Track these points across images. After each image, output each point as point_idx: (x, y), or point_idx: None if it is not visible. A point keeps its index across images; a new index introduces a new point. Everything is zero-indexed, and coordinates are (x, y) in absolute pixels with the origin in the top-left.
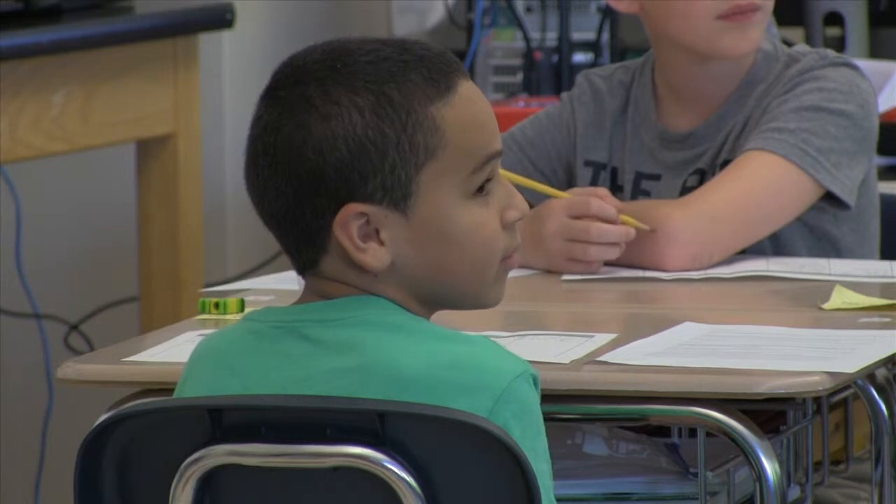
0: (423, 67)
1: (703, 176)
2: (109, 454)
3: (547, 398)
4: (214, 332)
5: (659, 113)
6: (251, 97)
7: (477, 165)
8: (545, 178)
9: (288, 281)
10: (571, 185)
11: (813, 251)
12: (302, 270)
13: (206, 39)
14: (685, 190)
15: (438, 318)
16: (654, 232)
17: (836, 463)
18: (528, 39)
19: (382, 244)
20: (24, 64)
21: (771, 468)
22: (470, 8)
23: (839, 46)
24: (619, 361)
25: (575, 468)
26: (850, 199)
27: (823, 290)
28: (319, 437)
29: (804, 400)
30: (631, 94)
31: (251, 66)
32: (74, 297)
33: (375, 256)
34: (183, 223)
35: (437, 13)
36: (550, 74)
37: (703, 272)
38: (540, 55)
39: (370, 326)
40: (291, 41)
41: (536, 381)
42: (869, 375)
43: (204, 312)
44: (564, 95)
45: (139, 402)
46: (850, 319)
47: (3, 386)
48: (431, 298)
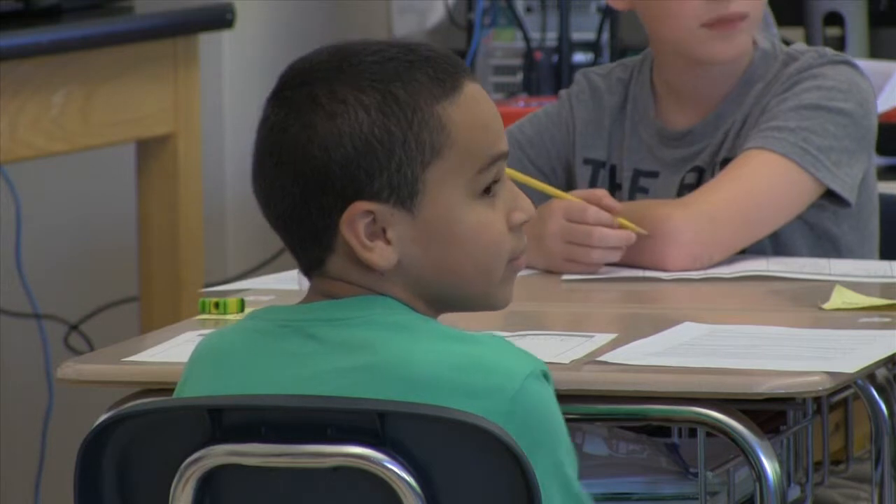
0: (428, 67)
1: (701, 174)
2: (109, 454)
3: None
4: (215, 330)
5: (657, 110)
6: (251, 97)
7: (483, 165)
8: (544, 176)
9: (288, 281)
10: (570, 183)
11: (813, 249)
12: (308, 271)
13: (206, 39)
14: (683, 187)
15: (442, 317)
16: (648, 235)
17: (836, 463)
18: (528, 39)
19: (389, 243)
20: (24, 64)
21: (771, 468)
22: (470, 8)
23: (839, 46)
24: (619, 361)
25: None
26: (850, 197)
27: (823, 290)
28: (320, 437)
29: (804, 400)
30: (629, 91)
31: (251, 66)
32: (74, 297)
33: (382, 255)
34: (183, 223)
35: (437, 13)
36: (550, 74)
37: (703, 272)
38: (540, 55)
39: (378, 326)
40: (291, 41)
41: (548, 376)
42: (869, 375)
43: (204, 312)
44: (563, 93)
45: (139, 402)
46: (850, 319)
47: (3, 386)
48: (438, 299)
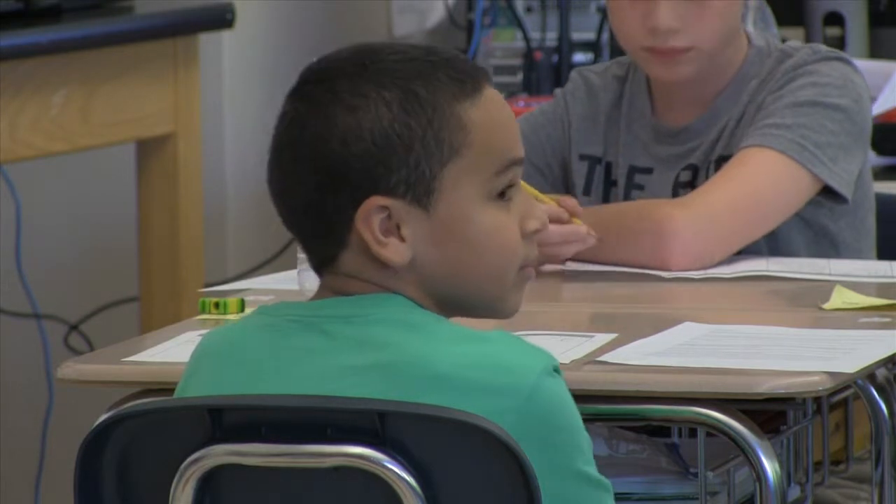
0: (449, 68)
1: (695, 171)
2: (109, 454)
3: None
4: (221, 326)
5: (653, 108)
6: (251, 97)
7: (500, 168)
8: (540, 172)
9: (288, 281)
10: (567, 179)
11: (810, 246)
12: (319, 267)
13: (206, 39)
14: (677, 184)
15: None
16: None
17: (836, 463)
18: (528, 39)
19: (403, 240)
20: (24, 64)
21: (771, 468)
22: (470, 8)
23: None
24: (619, 361)
25: None
26: (847, 192)
27: (823, 290)
28: (320, 436)
29: (804, 400)
30: (625, 88)
31: (251, 66)
32: (74, 297)
33: (396, 251)
34: (183, 223)
35: (437, 13)
36: (550, 74)
37: (703, 272)
38: (540, 55)
39: (394, 324)
40: (291, 41)
41: (558, 369)
42: (869, 375)
43: (204, 312)
44: (558, 91)
45: (139, 402)
46: (850, 319)
47: (3, 386)
48: (448, 300)
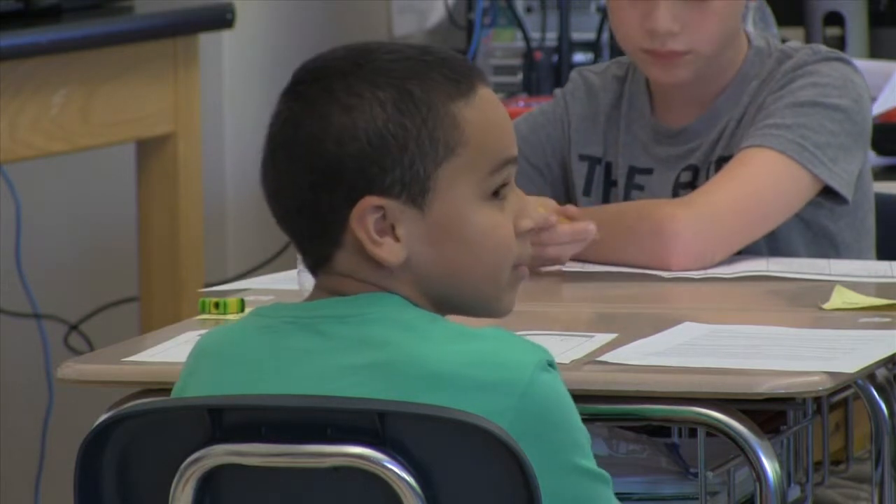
0: (444, 67)
1: (696, 172)
2: (109, 454)
3: None
4: (219, 326)
5: (653, 108)
6: (251, 97)
7: (494, 167)
8: (540, 173)
9: (288, 281)
10: (567, 179)
11: (810, 247)
12: (314, 267)
13: (206, 39)
14: (678, 185)
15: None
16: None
17: (836, 463)
18: (528, 39)
19: (398, 240)
20: (24, 64)
21: (771, 468)
22: (470, 8)
23: (839, 46)
24: (619, 361)
25: None
26: (847, 193)
27: (823, 290)
28: (320, 436)
29: (804, 400)
30: (625, 88)
31: (251, 66)
32: (74, 297)
33: (391, 251)
34: (183, 223)
35: (437, 13)
36: (550, 74)
37: (703, 272)
38: (540, 55)
39: (390, 323)
40: (291, 41)
41: (552, 364)
42: (869, 375)
43: (204, 312)
44: (557, 91)
45: (139, 402)
46: (850, 319)
47: (3, 386)
48: (443, 300)
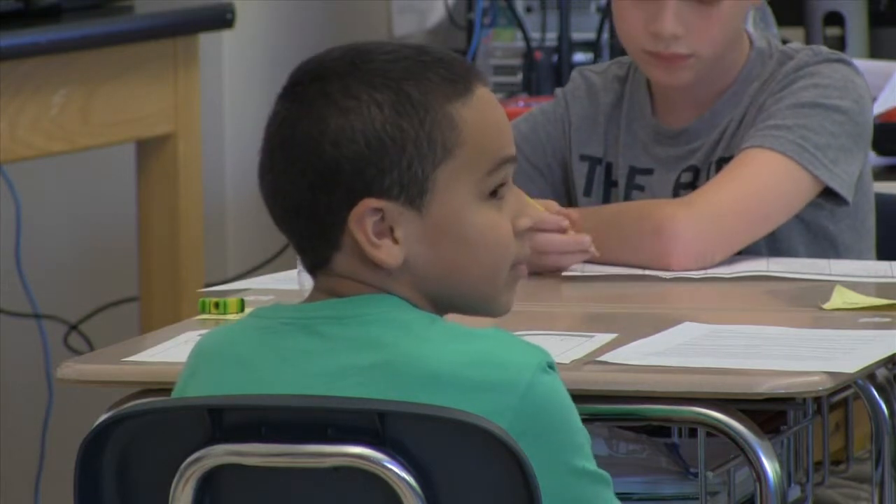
0: (441, 68)
1: (696, 173)
2: (109, 454)
3: None
4: (218, 327)
5: (653, 108)
6: (251, 97)
7: (492, 167)
8: (540, 173)
9: (288, 281)
10: (567, 179)
11: (810, 248)
12: (312, 269)
13: (206, 39)
14: (678, 185)
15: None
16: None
17: (836, 463)
18: (528, 39)
19: (396, 242)
20: (24, 64)
21: (771, 468)
22: (470, 8)
23: (839, 46)
24: (619, 361)
25: None
26: (847, 194)
27: (823, 290)
28: (320, 436)
29: (804, 400)
30: (626, 88)
31: (251, 66)
32: (74, 297)
33: (389, 253)
34: (183, 223)
35: (437, 13)
36: (550, 74)
37: (702, 272)
38: (540, 55)
39: (388, 324)
40: (291, 41)
41: (552, 365)
42: (869, 375)
43: (204, 312)
44: (558, 91)
45: (139, 402)
46: (850, 319)
47: (3, 386)
48: (442, 300)
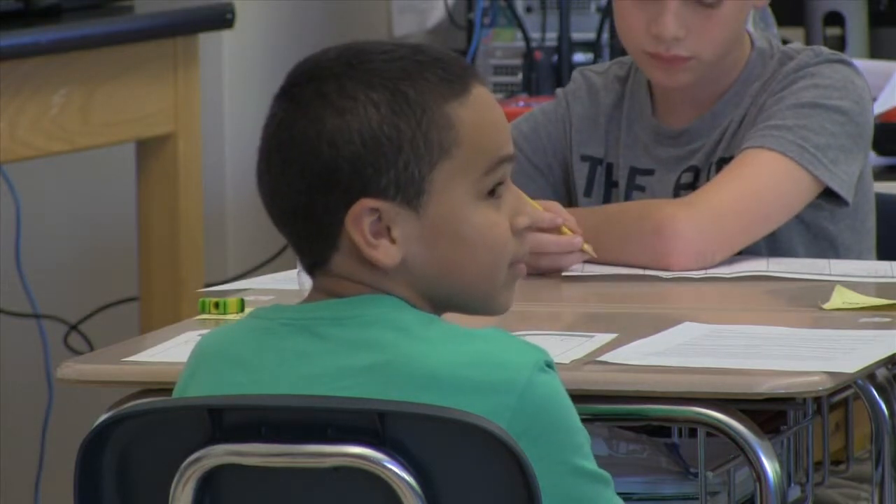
0: (438, 68)
1: (697, 173)
2: (109, 454)
3: None
4: (218, 328)
5: (654, 109)
6: (251, 97)
7: (490, 166)
8: (541, 173)
9: (288, 281)
10: (568, 180)
11: (809, 248)
12: (311, 269)
13: (206, 39)
14: (679, 186)
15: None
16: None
17: (836, 463)
18: (528, 39)
19: (393, 242)
20: (24, 64)
21: (771, 468)
22: (470, 8)
23: (839, 46)
24: (619, 361)
25: None
26: (848, 195)
27: (823, 290)
28: (320, 436)
29: (804, 400)
30: (626, 88)
31: (251, 66)
32: (74, 297)
33: (387, 253)
34: (183, 223)
35: (437, 13)
36: (550, 74)
37: (702, 272)
38: (540, 55)
39: (387, 325)
40: (291, 41)
41: (551, 364)
42: (869, 375)
43: (204, 312)
44: (559, 91)
45: (139, 402)
46: (850, 319)
47: (3, 386)
48: (440, 299)
